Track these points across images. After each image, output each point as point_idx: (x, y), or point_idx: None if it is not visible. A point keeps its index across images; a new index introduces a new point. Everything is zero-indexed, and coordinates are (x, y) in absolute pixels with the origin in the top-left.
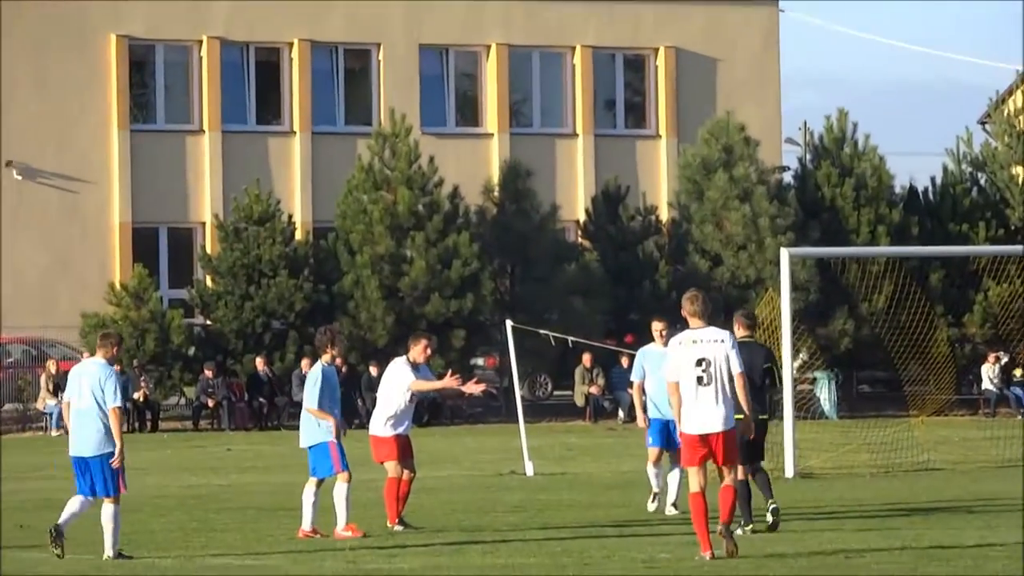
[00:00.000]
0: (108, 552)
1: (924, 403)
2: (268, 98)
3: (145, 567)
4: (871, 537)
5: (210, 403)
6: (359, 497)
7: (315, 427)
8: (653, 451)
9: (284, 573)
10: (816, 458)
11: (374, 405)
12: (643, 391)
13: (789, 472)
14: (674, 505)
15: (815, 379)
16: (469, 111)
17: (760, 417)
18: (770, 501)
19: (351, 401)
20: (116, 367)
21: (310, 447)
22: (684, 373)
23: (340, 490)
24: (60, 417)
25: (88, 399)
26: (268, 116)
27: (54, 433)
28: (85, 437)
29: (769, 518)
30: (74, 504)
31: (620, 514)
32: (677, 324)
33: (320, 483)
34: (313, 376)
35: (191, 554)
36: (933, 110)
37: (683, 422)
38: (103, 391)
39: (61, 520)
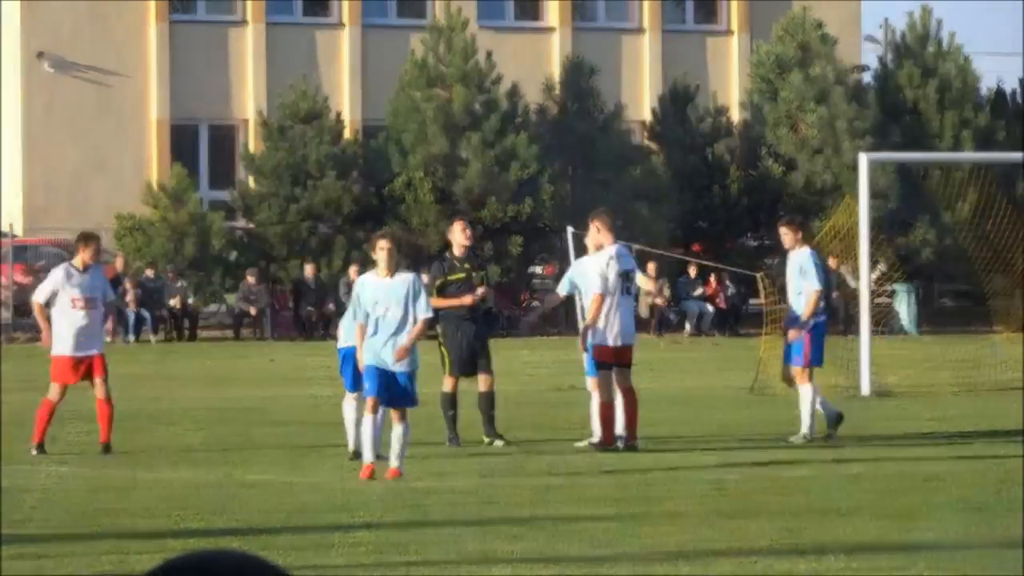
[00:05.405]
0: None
1: (1009, 317)
2: None
3: (182, 484)
4: (952, 459)
5: (252, 311)
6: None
7: None
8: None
9: (331, 490)
10: (894, 375)
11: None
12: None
13: (865, 389)
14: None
15: (894, 292)
16: (529, 3)
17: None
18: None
19: None
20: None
21: None
22: None
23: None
24: None
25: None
26: (316, 7)
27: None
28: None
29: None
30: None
31: (685, 432)
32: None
33: None
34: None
35: (231, 470)
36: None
37: None
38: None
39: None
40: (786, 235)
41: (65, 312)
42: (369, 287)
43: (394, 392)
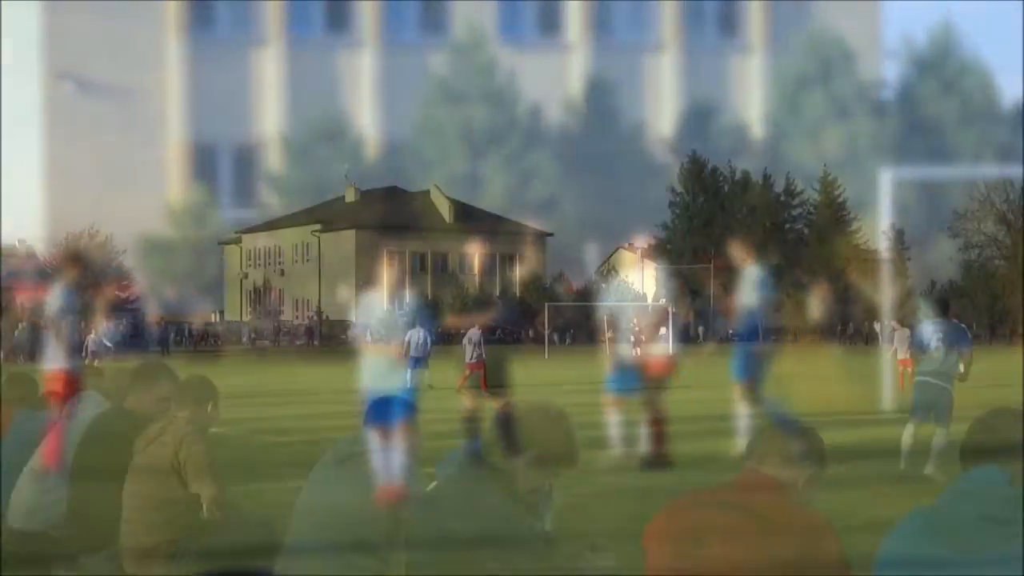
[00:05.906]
0: None
1: None
2: (337, 7)
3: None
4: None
5: (273, 328)
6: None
7: None
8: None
9: (352, 508)
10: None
11: None
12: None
13: (887, 405)
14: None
15: (914, 307)
16: (550, 20)
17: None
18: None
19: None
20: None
21: None
22: None
23: None
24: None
25: None
26: (337, 26)
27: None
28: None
29: None
30: None
31: (707, 448)
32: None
33: None
34: None
35: (247, 486)
36: None
37: None
38: None
39: None
40: (737, 252)
41: (58, 328)
42: (372, 304)
43: (396, 411)
